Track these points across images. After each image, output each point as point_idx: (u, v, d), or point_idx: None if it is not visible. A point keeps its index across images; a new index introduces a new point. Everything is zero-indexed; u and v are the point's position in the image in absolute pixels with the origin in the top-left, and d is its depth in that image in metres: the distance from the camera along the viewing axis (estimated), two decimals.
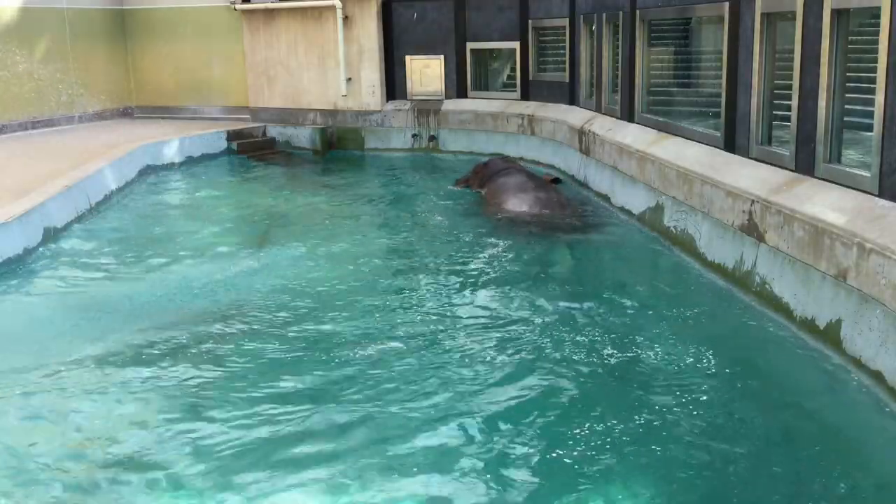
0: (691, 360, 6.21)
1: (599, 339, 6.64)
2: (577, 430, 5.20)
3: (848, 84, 6.56)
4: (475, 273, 8.54)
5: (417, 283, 8.34)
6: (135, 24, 19.18)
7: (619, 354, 6.37)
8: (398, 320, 7.21)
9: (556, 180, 12.93)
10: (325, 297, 7.82)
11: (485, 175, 12.58)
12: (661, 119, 10.42)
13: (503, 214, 10.89)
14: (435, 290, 8.08)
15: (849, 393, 5.63)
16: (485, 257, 9.11)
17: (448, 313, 7.40)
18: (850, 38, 6.51)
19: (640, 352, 6.41)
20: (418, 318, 7.27)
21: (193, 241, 10.30)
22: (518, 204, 11.06)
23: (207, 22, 18.45)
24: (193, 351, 6.60)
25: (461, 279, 8.35)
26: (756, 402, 5.58)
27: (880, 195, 5.98)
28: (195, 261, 9.31)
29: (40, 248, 9.36)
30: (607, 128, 11.56)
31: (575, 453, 4.93)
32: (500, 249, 9.36)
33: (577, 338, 6.66)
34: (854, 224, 5.84)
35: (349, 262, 9.04)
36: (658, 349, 6.41)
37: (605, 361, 6.26)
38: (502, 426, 5.28)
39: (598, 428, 5.22)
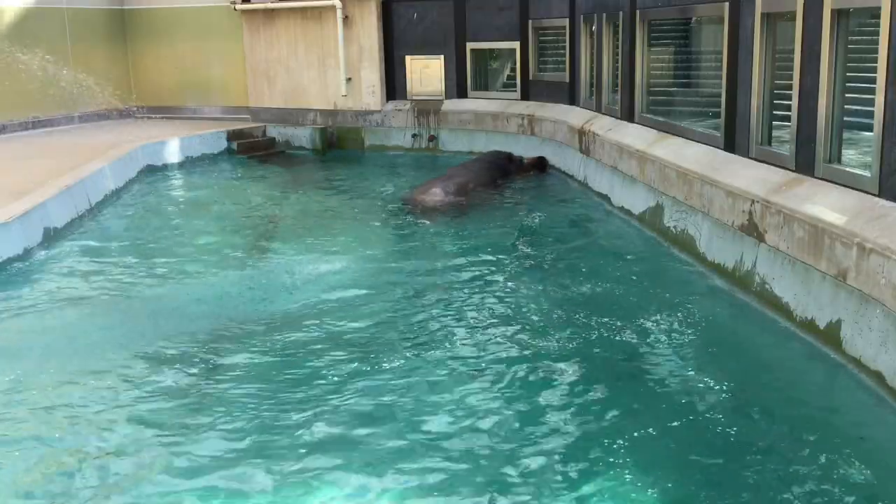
0: (690, 360, 6.22)
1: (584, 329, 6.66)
2: (573, 427, 5.21)
3: (848, 84, 6.56)
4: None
5: (416, 283, 8.35)
6: (135, 24, 19.18)
7: (612, 353, 6.39)
8: (395, 319, 7.24)
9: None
10: (325, 297, 7.82)
11: None
12: (661, 119, 10.42)
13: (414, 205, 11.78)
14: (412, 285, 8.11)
15: (848, 393, 5.63)
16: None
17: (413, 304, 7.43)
18: (850, 38, 6.51)
19: (634, 351, 6.42)
20: (405, 314, 7.31)
21: (193, 243, 10.30)
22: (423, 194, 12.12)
23: (207, 22, 18.44)
24: (197, 353, 6.57)
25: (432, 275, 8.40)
26: (755, 402, 5.58)
27: (880, 195, 5.98)
28: (195, 262, 9.30)
29: (40, 248, 9.36)
30: (607, 128, 11.55)
31: (571, 451, 4.94)
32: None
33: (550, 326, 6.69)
34: (854, 224, 5.84)
35: (346, 262, 9.04)
36: (654, 349, 6.42)
37: (600, 359, 6.28)
38: (510, 419, 5.30)
39: (593, 425, 5.24)
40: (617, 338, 6.66)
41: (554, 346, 6.55)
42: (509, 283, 8.20)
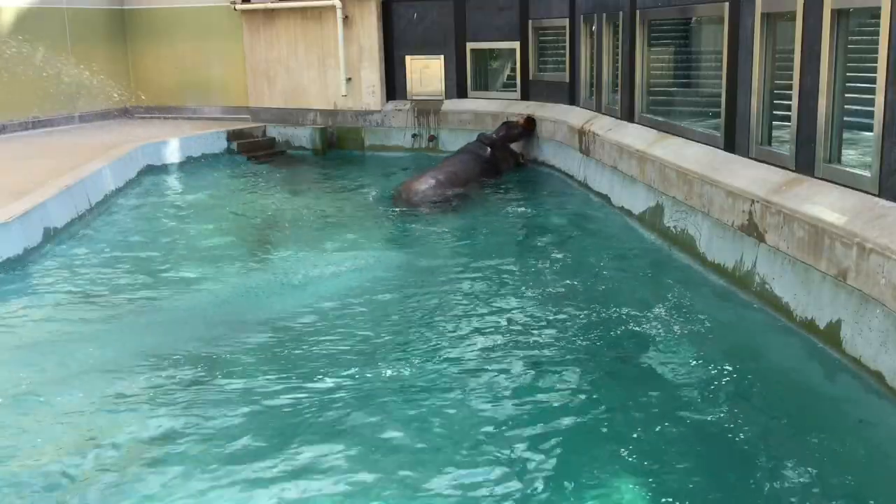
0: (689, 360, 6.22)
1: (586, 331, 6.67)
2: (572, 426, 5.22)
3: (848, 84, 6.56)
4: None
5: (417, 285, 8.36)
6: (135, 24, 19.18)
7: (611, 351, 6.39)
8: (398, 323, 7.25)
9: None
10: (325, 298, 7.82)
11: None
12: (661, 119, 10.42)
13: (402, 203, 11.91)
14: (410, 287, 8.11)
15: (848, 393, 5.63)
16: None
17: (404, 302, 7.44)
18: (850, 38, 6.51)
19: (634, 352, 6.42)
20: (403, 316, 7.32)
21: (193, 243, 10.30)
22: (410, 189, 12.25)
23: (207, 22, 18.45)
24: (199, 354, 6.56)
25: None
26: (755, 402, 5.59)
27: (880, 195, 5.98)
28: (195, 263, 9.29)
29: (40, 249, 9.35)
30: (607, 128, 11.55)
31: (571, 450, 4.95)
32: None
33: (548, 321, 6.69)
34: (854, 224, 5.84)
35: (346, 262, 9.05)
36: (654, 349, 6.43)
37: (601, 360, 6.29)
38: (512, 421, 5.31)
39: (594, 424, 5.24)
40: (617, 338, 6.66)
41: (553, 345, 6.55)
42: (507, 283, 8.20)
